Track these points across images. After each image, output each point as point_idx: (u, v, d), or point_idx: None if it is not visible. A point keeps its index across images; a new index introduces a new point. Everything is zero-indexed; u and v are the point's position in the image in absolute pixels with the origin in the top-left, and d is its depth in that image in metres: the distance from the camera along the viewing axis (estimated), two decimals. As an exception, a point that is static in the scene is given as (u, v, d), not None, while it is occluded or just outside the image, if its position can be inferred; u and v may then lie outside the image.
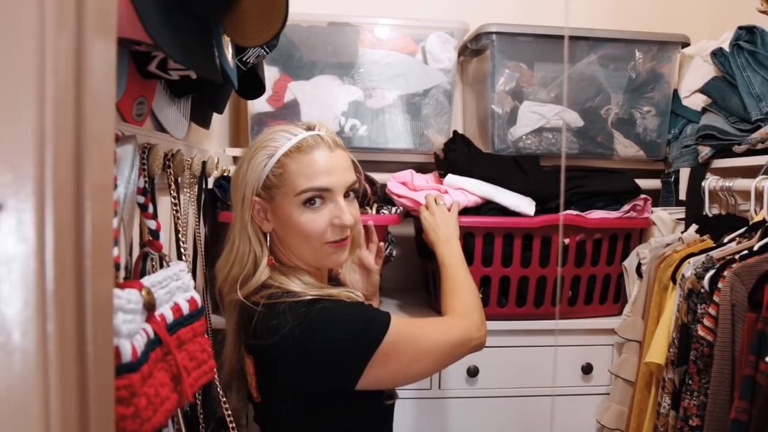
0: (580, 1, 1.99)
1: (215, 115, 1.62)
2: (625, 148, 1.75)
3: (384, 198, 1.60)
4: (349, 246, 1.14)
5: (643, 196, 1.63)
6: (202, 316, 0.89)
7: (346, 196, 1.09)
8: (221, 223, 1.46)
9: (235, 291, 1.06)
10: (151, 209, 0.84)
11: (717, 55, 1.62)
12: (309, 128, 1.09)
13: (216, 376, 1.07)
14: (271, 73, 1.61)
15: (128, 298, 0.65)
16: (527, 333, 1.58)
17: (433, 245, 1.37)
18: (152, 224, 0.85)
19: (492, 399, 1.59)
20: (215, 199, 1.45)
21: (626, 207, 1.59)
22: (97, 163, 0.52)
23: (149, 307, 0.74)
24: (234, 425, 1.08)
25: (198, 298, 0.88)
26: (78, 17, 0.49)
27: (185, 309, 0.84)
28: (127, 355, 0.64)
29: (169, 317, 0.81)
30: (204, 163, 1.26)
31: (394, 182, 1.56)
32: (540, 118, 1.70)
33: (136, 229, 0.89)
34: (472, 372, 1.57)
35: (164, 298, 0.82)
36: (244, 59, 1.08)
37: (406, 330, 1.04)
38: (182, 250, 1.03)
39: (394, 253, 1.63)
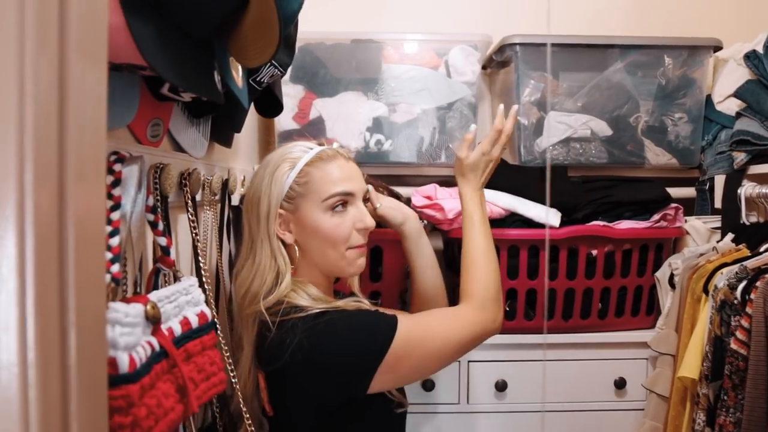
0: (606, 8, 1.95)
1: (246, 134, 1.67)
2: (656, 156, 1.71)
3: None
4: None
5: (674, 205, 1.58)
6: (212, 330, 0.91)
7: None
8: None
9: (254, 304, 1.08)
10: (161, 226, 0.87)
11: (750, 57, 1.57)
12: (320, 144, 1.16)
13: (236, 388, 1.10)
14: (296, 91, 1.64)
15: (126, 311, 0.68)
16: (555, 347, 1.56)
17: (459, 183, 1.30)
18: (162, 241, 0.88)
19: (521, 414, 1.57)
20: (239, 216, 1.49)
21: (656, 216, 1.55)
22: (84, 182, 0.55)
23: (154, 320, 0.77)
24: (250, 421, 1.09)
25: (208, 312, 0.90)
26: (60, 41, 0.52)
27: (194, 323, 0.87)
28: (124, 367, 0.66)
29: (177, 330, 0.84)
30: (226, 181, 1.30)
31: (418, 196, 1.57)
32: (567, 128, 1.68)
33: (150, 246, 0.93)
34: (500, 386, 1.55)
35: (173, 312, 0.84)
36: (257, 79, 1.11)
37: (414, 333, 1.04)
38: (201, 265, 1.06)
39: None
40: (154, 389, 0.74)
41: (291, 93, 1.64)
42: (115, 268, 0.72)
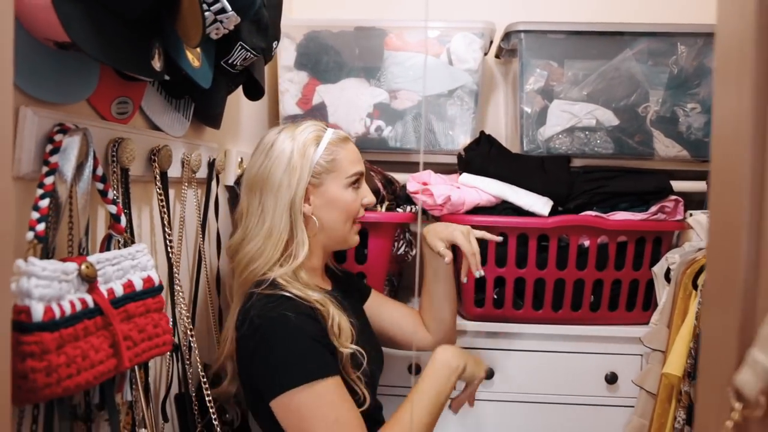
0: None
1: (253, 118, 1.74)
2: (665, 147, 1.65)
3: (406, 198, 1.63)
4: None
5: (673, 197, 1.52)
6: (158, 294, 0.97)
7: None
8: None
9: (258, 272, 1.16)
10: (111, 195, 0.94)
11: None
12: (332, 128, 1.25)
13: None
14: (300, 77, 1.70)
15: (44, 266, 0.74)
16: (544, 337, 1.54)
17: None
18: (112, 209, 0.94)
19: (508, 403, 1.56)
20: (236, 196, 1.55)
21: (653, 208, 1.50)
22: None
23: (89, 279, 0.84)
24: (213, 408, 1.16)
25: (156, 277, 0.96)
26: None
27: (138, 286, 0.93)
28: (38, 316, 0.73)
29: (119, 292, 0.90)
30: (214, 161, 1.36)
31: (413, 182, 1.58)
32: (571, 117, 1.65)
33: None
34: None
35: (116, 274, 0.91)
36: (229, 62, 1.16)
37: (326, 406, 1.01)
38: (167, 237, 1.13)
39: (412, 252, 1.65)
40: (80, 341, 0.81)
41: (295, 79, 1.70)
42: (41, 227, 0.78)
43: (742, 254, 0.54)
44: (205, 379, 1.20)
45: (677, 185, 1.56)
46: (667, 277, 1.49)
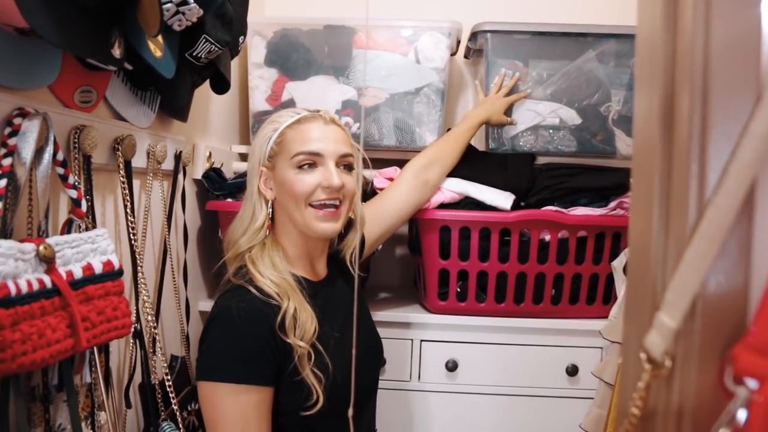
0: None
1: (225, 115, 1.76)
2: (627, 146, 1.69)
3: (373, 194, 1.65)
4: (343, 218, 1.19)
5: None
6: (118, 278, 0.99)
7: (341, 167, 1.19)
8: (210, 212, 1.58)
9: (230, 249, 1.21)
10: (72, 180, 0.95)
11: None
12: (316, 111, 1.24)
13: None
14: (270, 74, 1.72)
15: (-1, 244, 0.76)
16: (507, 330, 1.57)
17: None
18: (73, 193, 0.96)
19: (471, 395, 1.59)
20: (205, 190, 1.57)
21: (612, 204, 1.54)
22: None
23: (47, 260, 0.86)
24: (174, 398, 1.18)
25: (116, 261, 0.98)
26: None
27: (98, 269, 0.95)
28: (-9, 292, 0.75)
29: (78, 274, 0.92)
30: (180, 153, 1.38)
31: (380, 178, 1.61)
32: (535, 115, 1.69)
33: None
34: (451, 367, 1.57)
35: (75, 257, 0.93)
36: (194, 54, 1.19)
37: (240, 414, 1.04)
38: (129, 225, 1.15)
39: (379, 248, 1.67)
40: (36, 320, 0.82)
41: (265, 76, 1.72)
42: (-4, 206, 0.80)
43: (653, 231, 0.57)
44: (167, 370, 1.21)
45: (637, 183, 1.60)
46: (626, 271, 1.53)
